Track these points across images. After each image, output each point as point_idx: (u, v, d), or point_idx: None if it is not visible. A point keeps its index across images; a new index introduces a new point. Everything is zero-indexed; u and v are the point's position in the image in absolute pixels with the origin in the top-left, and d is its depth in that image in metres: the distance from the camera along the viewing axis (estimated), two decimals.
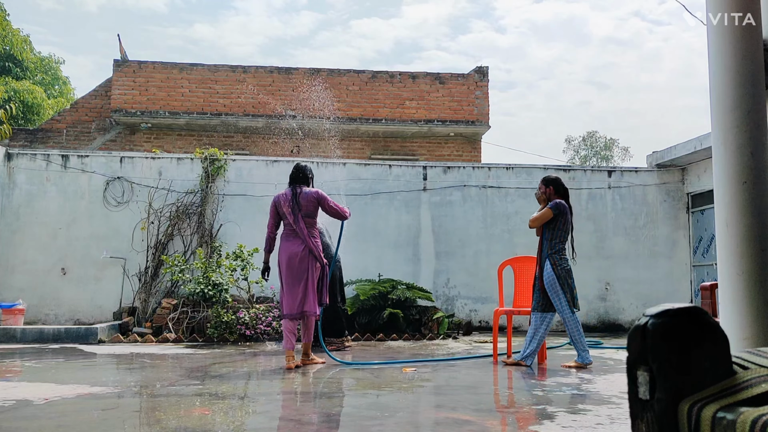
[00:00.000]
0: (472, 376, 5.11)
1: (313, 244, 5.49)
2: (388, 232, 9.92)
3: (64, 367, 5.65)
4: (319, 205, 5.59)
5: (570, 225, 5.67)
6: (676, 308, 0.83)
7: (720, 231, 1.76)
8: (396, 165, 10.26)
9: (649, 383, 0.83)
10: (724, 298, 1.72)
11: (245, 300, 8.60)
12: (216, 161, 9.66)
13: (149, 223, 9.42)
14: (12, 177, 9.49)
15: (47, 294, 9.25)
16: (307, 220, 5.54)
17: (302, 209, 5.53)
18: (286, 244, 5.53)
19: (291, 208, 5.53)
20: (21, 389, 4.26)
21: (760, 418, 0.72)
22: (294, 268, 5.46)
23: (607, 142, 37.56)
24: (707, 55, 1.86)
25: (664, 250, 10.37)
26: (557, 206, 5.58)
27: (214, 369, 5.50)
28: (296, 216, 5.50)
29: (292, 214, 5.51)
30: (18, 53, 19.91)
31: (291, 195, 5.58)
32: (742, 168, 1.72)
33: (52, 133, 13.22)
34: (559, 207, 5.58)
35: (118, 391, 4.40)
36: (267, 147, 13.13)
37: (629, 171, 10.61)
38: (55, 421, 3.26)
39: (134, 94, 12.77)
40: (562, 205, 5.60)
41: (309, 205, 5.55)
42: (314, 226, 5.62)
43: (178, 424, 3.21)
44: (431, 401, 3.99)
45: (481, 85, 13.42)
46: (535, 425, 3.32)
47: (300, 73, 13.16)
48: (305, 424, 3.20)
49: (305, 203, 5.54)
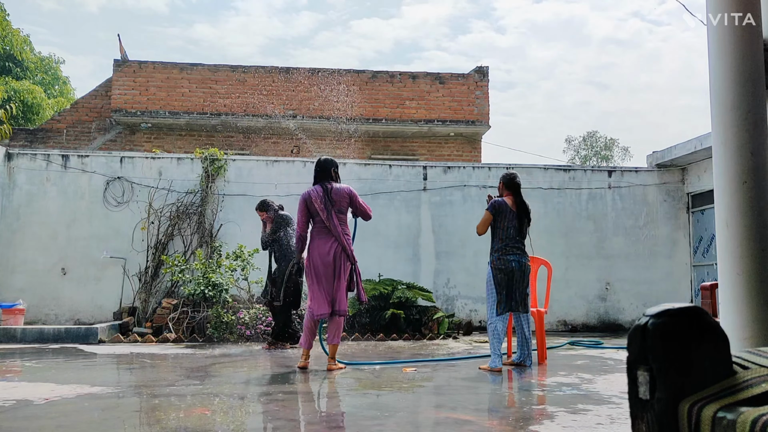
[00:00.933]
0: (472, 376, 5.11)
1: (345, 241, 5.31)
2: (389, 232, 9.92)
3: (64, 367, 5.65)
4: (352, 203, 5.42)
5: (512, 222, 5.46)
6: (676, 308, 0.83)
7: (720, 231, 1.76)
8: (396, 165, 10.26)
9: (649, 383, 0.83)
10: (724, 298, 1.72)
11: (245, 300, 8.60)
12: (216, 161, 9.66)
13: (149, 223, 9.42)
14: (12, 177, 9.49)
15: (47, 294, 9.25)
16: (339, 217, 5.35)
17: (335, 205, 5.33)
18: (319, 242, 5.31)
19: (324, 204, 5.31)
20: (21, 389, 4.26)
21: (760, 418, 0.72)
22: (328, 266, 5.26)
23: (607, 142, 37.55)
24: (707, 55, 1.86)
25: (664, 250, 10.37)
26: (492, 206, 5.49)
27: (214, 369, 5.50)
28: (329, 212, 5.29)
29: (325, 210, 5.30)
30: (18, 53, 19.91)
31: (322, 191, 5.36)
32: (742, 168, 1.72)
33: (52, 133, 13.22)
34: (494, 206, 5.48)
35: (118, 391, 4.41)
36: (267, 147, 13.14)
37: (629, 171, 10.61)
38: (55, 421, 3.26)
39: (134, 94, 12.77)
40: (497, 203, 5.49)
41: (342, 201, 5.37)
42: (346, 223, 5.43)
43: (178, 424, 3.21)
44: (431, 401, 3.99)
45: (481, 85, 13.42)
46: (535, 425, 3.32)
47: (300, 73, 13.15)
48: (305, 424, 3.20)
49: (338, 199, 5.35)
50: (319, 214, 5.30)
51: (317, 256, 5.28)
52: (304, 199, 5.40)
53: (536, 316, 6.06)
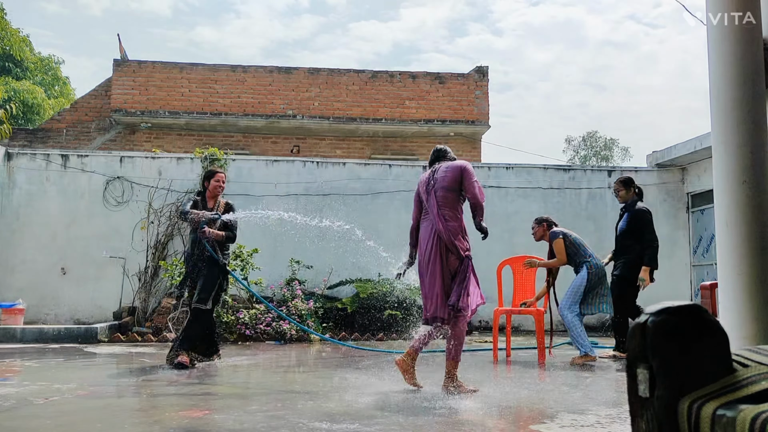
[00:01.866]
0: (472, 375, 5.11)
1: (444, 227, 4.26)
2: (389, 232, 9.91)
3: (63, 366, 5.65)
4: (462, 179, 4.35)
5: None
6: (676, 306, 0.84)
7: (720, 231, 1.76)
8: (396, 165, 10.26)
9: (649, 381, 0.83)
10: (724, 298, 1.72)
11: (245, 300, 8.60)
12: (216, 161, 9.66)
13: (149, 222, 9.42)
14: (12, 177, 9.49)
15: (47, 294, 9.25)
16: (440, 195, 4.34)
17: (436, 183, 4.39)
18: (421, 232, 4.47)
19: (426, 185, 4.46)
20: (21, 389, 4.26)
21: (759, 416, 0.72)
22: (422, 255, 4.37)
23: (607, 142, 37.56)
24: (707, 54, 1.86)
25: (664, 250, 10.31)
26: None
27: (214, 369, 5.50)
28: (429, 193, 4.40)
29: (425, 192, 4.43)
30: (17, 53, 19.91)
31: (429, 174, 4.55)
32: (741, 167, 1.72)
33: (52, 132, 13.21)
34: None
35: (118, 390, 4.41)
36: (267, 147, 13.13)
37: (629, 171, 10.60)
38: (54, 421, 3.26)
39: (134, 93, 12.77)
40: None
41: (446, 177, 4.37)
42: (450, 206, 4.35)
43: (178, 424, 3.21)
44: (431, 401, 3.98)
45: (480, 85, 13.42)
46: (535, 425, 3.32)
47: (300, 73, 13.15)
48: (305, 423, 3.20)
49: (441, 176, 4.40)
50: (422, 195, 4.47)
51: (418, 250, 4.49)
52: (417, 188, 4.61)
53: (536, 316, 6.07)
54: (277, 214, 6.20)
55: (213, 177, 5.83)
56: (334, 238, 9.82)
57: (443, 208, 4.32)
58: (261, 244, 8.88)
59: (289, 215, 6.23)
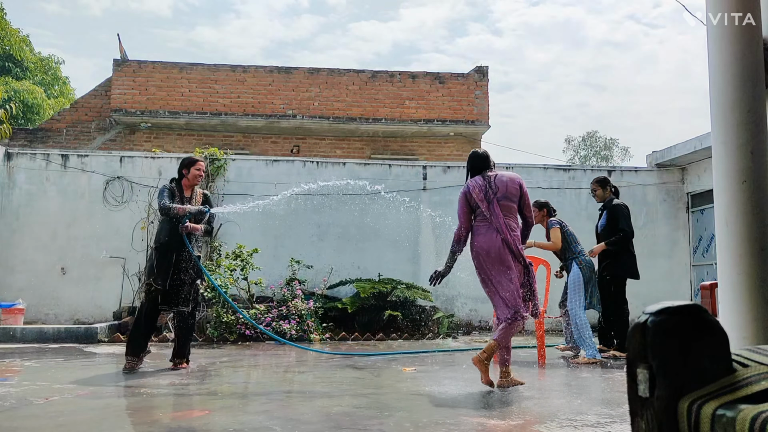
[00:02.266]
0: (472, 375, 5.11)
1: (511, 237, 4.50)
2: (388, 232, 9.92)
3: (63, 366, 5.65)
4: (521, 195, 4.66)
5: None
6: (676, 306, 0.84)
7: (720, 231, 1.76)
8: (396, 165, 10.26)
9: (648, 381, 0.83)
10: (724, 298, 1.72)
11: (245, 300, 8.60)
12: (216, 161, 9.66)
13: (149, 222, 9.42)
14: (12, 177, 9.49)
15: (47, 294, 9.24)
16: (504, 205, 4.58)
17: (498, 192, 4.59)
18: (479, 238, 4.61)
19: (484, 193, 4.61)
20: (21, 389, 4.26)
21: (759, 416, 0.72)
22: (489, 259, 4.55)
23: (607, 142, 37.57)
24: (707, 54, 1.86)
25: (664, 250, 10.36)
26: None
27: (214, 368, 5.50)
28: (490, 202, 4.58)
29: (485, 200, 4.60)
30: (17, 53, 19.90)
31: (482, 180, 4.68)
32: (742, 167, 1.72)
33: (52, 132, 13.21)
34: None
35: (118, 390, 4.41)
36: (267, 146, 13.13)
37: (629, 171, 10.60)
38: (54, 421, 3.26)
39: (134, 93, 12.77)
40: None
41: (507, 188, 4.61)
42: (513, 216, 4.63)
43: (178, 424, 3.21)
44: (431, 401, 3.99)
45: (480, 85, 13.41)
46: (536, 425, 3.32)
47: (300, 73, 13.15)
48: (305, 423, 3.20)
49: (502, 185, 4.61)
50: (480, 205, 4.62)
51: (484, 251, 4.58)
52: (464, 194, 4.75)
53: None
54: (255, 204, 6.12)
55: (194, 165, 5.38)
56: (334, 238, 9.84)
57: (508, 218, 4.60)
58: (261, 244, 8.89)
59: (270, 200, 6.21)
